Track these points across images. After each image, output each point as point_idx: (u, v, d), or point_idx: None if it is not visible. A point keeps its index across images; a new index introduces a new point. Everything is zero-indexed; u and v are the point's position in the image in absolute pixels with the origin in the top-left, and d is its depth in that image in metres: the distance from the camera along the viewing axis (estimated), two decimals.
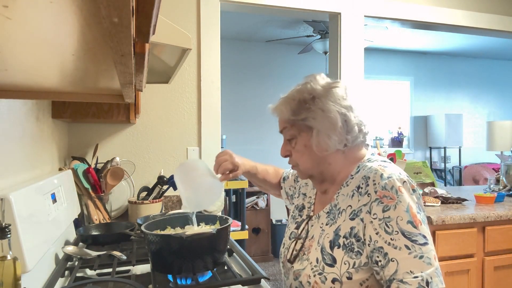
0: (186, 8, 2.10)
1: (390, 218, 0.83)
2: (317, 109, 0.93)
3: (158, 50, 1.19)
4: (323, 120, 0.92)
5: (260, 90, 5.05)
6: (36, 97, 0.84)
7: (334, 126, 0.92)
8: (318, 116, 0.93)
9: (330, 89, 0.95)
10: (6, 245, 0.71)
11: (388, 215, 0.83)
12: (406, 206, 0.84)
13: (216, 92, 2.16)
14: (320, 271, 0.91)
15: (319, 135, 0.93)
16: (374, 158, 0.98)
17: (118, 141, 2.03)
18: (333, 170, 0.99)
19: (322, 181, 1.03)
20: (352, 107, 0.95)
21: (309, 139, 0.95)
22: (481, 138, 5.93)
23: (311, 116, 0.93)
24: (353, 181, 0.94)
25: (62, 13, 0.33)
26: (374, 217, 0.85)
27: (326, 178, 1.01)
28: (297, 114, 0.96)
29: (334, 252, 0.90)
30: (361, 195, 0.89)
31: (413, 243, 0.81)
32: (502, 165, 2.57)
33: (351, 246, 0.87)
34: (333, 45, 2.50)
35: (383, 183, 0.86)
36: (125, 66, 0.46)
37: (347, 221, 0.90)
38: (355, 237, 0.88)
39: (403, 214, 0.83)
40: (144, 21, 0.37)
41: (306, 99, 0.95)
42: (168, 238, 1.02)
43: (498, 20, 2.74)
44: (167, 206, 2.06)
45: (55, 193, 1.24)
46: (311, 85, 0.96)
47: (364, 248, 0.86)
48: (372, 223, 0.85)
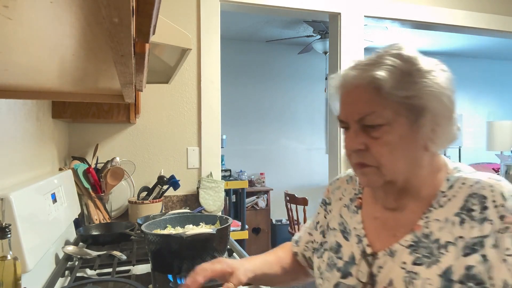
0: (186, 8, 2.10)
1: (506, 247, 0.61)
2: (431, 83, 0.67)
3: (158, 50, 1.19)
4: (440, 99, 0.67)
5: (260, 90, 5.05)
6: (36, 97, 0.84)
7: (451, 112, 0.69)
8: (433, 93, 0.66)
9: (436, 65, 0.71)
10: (6, 245, 0.71)
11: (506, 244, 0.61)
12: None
13: (216, 92, 2.16)
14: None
15: (435, 120, 0.67)
16: (462, 166, 0.74)
17: (118, 141, 2.03)
18: (421, 179, 0.72)
19: (401, 193, 0.74)
20: None
21: (408, 126, 0.67)
22: (481, 138, 5.92)
23: (424, 92, 0.66)
24: (453, 200, 0.68)
25: (62, 13, 0.33)
26: (508, 252, 0.61)
27: (409, 190, 0.73)
28: (404, 88, 0.66)
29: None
30: (475, 220, 0.65)
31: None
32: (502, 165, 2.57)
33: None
34: (333, 45, 2.50)
35: (509, 205, 0.63)
36: (125, 66, 0.46)
37: (461, 259, 0.64)
38: (474, 280, 0.62)
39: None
40: (144, 21, 0.37)
41: (412, 71, 0.67)
42: (168, 238, 1.02)
43: (498, 20, 2.74)
44: (167, 206, 2.06)
45: (55, 193, 1.24)
46: (413, 53, 0.70)
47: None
48: (506, 262, 0.61)
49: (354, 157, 0.72)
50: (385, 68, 0.66)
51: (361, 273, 0.75)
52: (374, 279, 0.72)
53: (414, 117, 0.67)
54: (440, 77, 0.68)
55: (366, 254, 0.75)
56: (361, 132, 0.70)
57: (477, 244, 0.64)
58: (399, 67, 0.67)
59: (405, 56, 0.68)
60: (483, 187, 0.66)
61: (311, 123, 5.29)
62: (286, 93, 5.10)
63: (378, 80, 0.66)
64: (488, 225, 0.63)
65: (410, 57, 0.68)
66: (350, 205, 0.86)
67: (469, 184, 0.68)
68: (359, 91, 0.69)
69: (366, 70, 0.68)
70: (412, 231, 0.70)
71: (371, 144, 0.69)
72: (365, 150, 0.70)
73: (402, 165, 0.69)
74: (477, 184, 0.67)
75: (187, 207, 1.99)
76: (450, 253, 0.65)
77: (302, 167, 5.18)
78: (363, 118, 0.69)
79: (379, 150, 0.68)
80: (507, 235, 0.62)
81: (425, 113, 0.67)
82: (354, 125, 0.70)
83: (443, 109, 0.68)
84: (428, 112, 0.67)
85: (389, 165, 0.69)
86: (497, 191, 0.64)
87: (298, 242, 0.99)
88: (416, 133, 0.68)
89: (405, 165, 0.69)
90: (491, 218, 0.63)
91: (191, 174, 2.14)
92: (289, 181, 5.12)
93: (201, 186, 2.08)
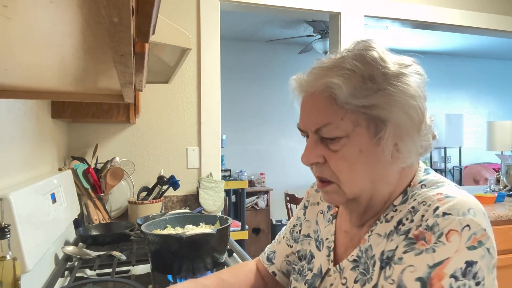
0: (186, 8, 2.09)
1: (401, 262, 0.56)
2: (395, 92, 0.58)
3: (158, 50, 1.19)
4: (405, 110, 0.59)
5: (260, 90, 5.05)
6: (36, 97, 0.84)
7: (419, 123, 0.61)
8: (397, 103, 0.58)
9: (406, 66, 0.62)
10: (6, 245, 0.70)
11: (403, 257, 0.56)
12: (440, 260, 0.53)
13: (216, 92, 2.16)
14: None
15: (398, 132, 0.60)
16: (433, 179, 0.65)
17: (118, 141, 2.03)
18: (385, 194, 0.65)
19: (366, 211, 0.67)
20: (425, 99, 0.63)
21: (369, 139, 0.60)
22: (481, 138, 5.93)
23: (386, 102, 0.58)
24: (397, 215, 0.63)
25: (61, 13, 0.33)
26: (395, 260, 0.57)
27: (372, 206, 0.66)
28: (362, 96, 0.58)
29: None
30: (398, 234, 0.60)
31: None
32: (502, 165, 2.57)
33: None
34: (333, 45, 2.50)
35: (431, 221, 0.55)
36: (125, 66, 0.46)
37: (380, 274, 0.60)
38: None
39: (422, 267, 0.53)
40: (144, 21, 0.37)
41: (375, 75, 0.59)
42: (168, 238, 1.02)
43: (498, 20, 2.74)
44: (167, 206, 2.06)
45: (54, 193, 1.24)
46: (379, 54, 0.61)
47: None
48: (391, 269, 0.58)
49: (314, 170, 0.66)
50: (342, 73, 0.59)
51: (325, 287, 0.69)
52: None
53: (375, 129, 0.60)
54: (409, 83, 0.60)
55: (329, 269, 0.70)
56: (320, 143, 0.63)
57: (390, 257, 0.59)
58: (359, 72, 0.59)
59: (369, 58, 0.60)
60: (424, 202, 0.59)
61: None
62: (286, 93, 5.04)
63: (332, 88, 0.59)
64: (403, 237, 0.58)
65: (375, 60, 0.60)
66: (326, 213, 0.80)
67: (417, 200, 0.61)
68: (313, 99, 0.62)
69: (320, 76, 0.61)
70: (358, 245, 0.65)
71: (330, 157, 0.62)
72: (323, 164, 0.64)
73: (363, 181, 0.62)
74: (422, 198, 0.60)
75: (187, 207, 1.99)
76: (377, 269, 0.60)
77: (302, 167, 5.07)
78: (319, 129, 0.62)
79: (338, 164, 0.62)
80: (404, 244, 0.57)
81: (387, 126, 0.59)
82: (312, 136, 0.64)
83: (408, 121, 0.59)
84: (390, 124, 0.59)
85: (348, 181, 0.62)
86: (432, 207, 0.57)
87: (272, 258, 0.89)
88: (378, 146, 0.60)
89: (367, 181, 0.62)
90: (410, 231, 0.58)
91: (191, 174, 2.14)
92: (289, 181, 5.12)
93: (201, 186, 2.08)
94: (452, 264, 0.52)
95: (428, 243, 0.54)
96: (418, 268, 0.54)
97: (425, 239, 0.55)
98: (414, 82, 0.61)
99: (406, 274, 0.54)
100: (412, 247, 0.56)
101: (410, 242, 0.56)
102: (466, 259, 0.53)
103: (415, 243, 0.56)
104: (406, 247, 0.56)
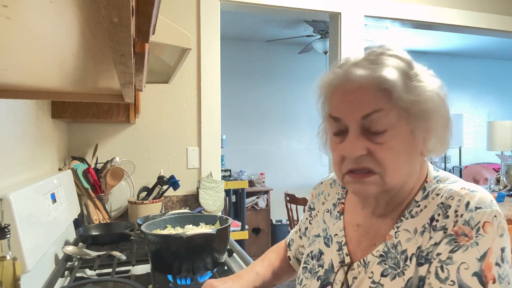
0: (186, 8, 2.09)
1: (453, 261, 0.58)
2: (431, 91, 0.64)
3: (158, 50, 1.19)
4: (438, 109, 0.65)
5: (260, 90, 5.05)
6: (36, 97, 0.84)
7: (447, 121, 0.67)
8: (432, 101, 0.64)
9: (427, 70, 0.68)
10: (6, 245, 0.70)
11: (453, 256, 0.59)
12: (485, 252, 0.57)
13: (216, 92, 2.16)
14: None
15: (430, 128, 0.65)
16: (443, 175, 0.71)
17: (118, 141, 2.03)
18: (411, 186, 0.69)
19: (391, 201, 0.71)
20: None
21: (410, 131, 0.64)
22: (481, 138, 5.93)
23: (425, 99, 0.63)
24: (424, 211, 0.66)
25: (61, 13, 0.33)
26: (437, 257, 0.60)
27: (398, 197, 0.70)
28: (409, 91, 0.62)
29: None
30: (435, 230, 0.62)
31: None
32: (502, 165, 2.57)
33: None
34: (333, 45, 2.50)
35: (467, 216, 0.60)
36: (125, 66, 0.46)
37: (416, 269, 0.63)
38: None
39: (473, 262, 0.57)
40: (144, 21, 0.37)
41: (411, 74, 0.64)
42: (168, 238, 1.02)
43: (498, 20, 2.74)
44: (167, 206, 2.06)
45: (54, 193, 1.24)
46: (405, 57, 0.67)
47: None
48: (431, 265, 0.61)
49: (349, 163, 0.66)
50: (392, 69, 0.62)
51: (339, 282, 0.72)
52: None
53: (414, 122, 0.64)
54: (434, 82, 0.66)
55: (344, 263, 0.73)
56: (362, 137, 0.64)
57: (430, 253, 0.62)
58: (402, 69, 0.63)
59: (403, 57, 0.65)
60: (452, 197, 0.63)
61: (311, 123, 5.28)
62: (286, 93, 5.10)
63: (389, 81, 0.61)
64: (442, 234, 0.61)
65: (407, 59, 0.65)
66: (333, 211, 0.83)
67: (441, 195, 0.65)
68: (365, 91, 0.63)
69: (374, 69, 0.63)
70: (384, 241, 0.68)
71: (375, 149, 0.63)
72: (366, 155, 0.64)
73: (404, 171, 0.66)
74: (448, 194, 0.64)
75: (187, 207, 1.99)
76: (413, 265, 0.63)
77: (302, 167, 5.17)
78: (369, 116, 0.62)
79: (385, 155, 0.63)
80: (446, 241, 0.60)
81: (425, 119, 0.64)
82: (355, 127, 0.64)
83: (441, 118, 0.65)
84: (428, 117, 0.64)
85: (393, 172, 0.64)
86: (463, 201, 0.61)
87: (290, 245, 0.97)
88: (415, 138, 0.64)
89: (407, 172, 0.66)
90: (447, 227, 0.61)
91: (191, 174, 2.14)
92: (289, 181, 5.12)
93: (201, 186, 2.08)
94: (493, 253, 0.58)
95: (470, 238, 0.58)
96: (470, 264, 0.57)
97: (467, 234, 0.59)
98: (437, 82, 0.67)
99: (463, 272, 0.57)
100: (456, 244, 0.59)
101: (451, 239, 0.60)
102: (501, 246, 0.59)
103: (458, 240, 0.59)
104: (451, 245, 0.59)
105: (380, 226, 0.71)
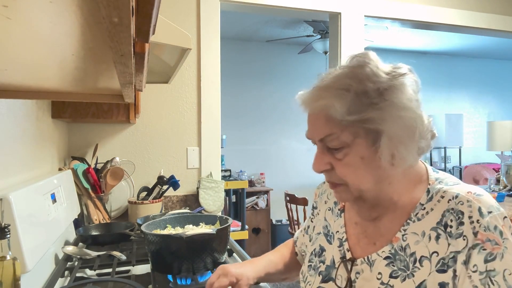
0: (186, 8, 2.09)
1: (496, 271, 0.60)
2: (387, 106, 0.65)
3: (158, 50, 1.19)
4: (397, 122, 0.65)
5: (260, 90, 5.05)
6: (36, 97, 0.84)
7: (412, 131, 0.66)
8: (389, 116, 0.65)
9: (399, 76, 0.67)
10: (6, 245, 0.70)
11: (493, 267, 0.61)
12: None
13: (216, 92, 2.16)
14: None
15: (392, 143, 0.66)
16: (444, 177, 0.73)
17: (118, 141, 2.03)
18: (393, 192, 0.72)
19: (374, 207, 0.74)
20: (421, 103, 0.69)
21: (368, 148, 0.67)
22: (481, 138, 5.93)
23: (379, 116, 0.65)
24: (431, 214, 0.68)
25: (61, 13, 0.33)
26: (474, 269, 0.61)
27: (380, 203, 0.73)
28: (356, 112, 0.65)
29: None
30: (452, 237, 0.64)
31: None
32: (502, 165, 2.57)
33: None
34: (333, 45, 2.50)
35: (484, 222, 0.62)
36: (125, 66, 0.46)
37: (434, 275, 0.64)
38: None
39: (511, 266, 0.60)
40: (144, 21, 0.37)
41: (368, 91, 0.65)
42: (168, 238, 1.02)
43: (498, 20, 2.74)
44: (167, 206, 2.06)
45: (54, 193, 1.24)
46: (372, 70, 0.66)
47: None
48: (471, 279, 0.61)
49: (324, 175, 0.74)
50: (336, 93, 0.66)
51: (340, 277, 0.76)
52: (353, 285, 0.73)
53: (372, 139, 0.66)
54: (401, 95, 0.65)
55: (346, 259, 0.76)
56: (327, 152, 0.70)
57: (451, 260, 0.64)
58: (353, 90, 0.65)
59: (361, 75, 0.66)
60: (461, 202, 0.65)
61: None
62: (286, 93, 5.10)
63: (328, 109, 0.66)
64: (462, 241, 0.63)
65: (367, 76, 0.66)
66: (334, 208, 0.87)
67: (448, 198, 0.67)
68: (317, 117, 0.70)
69: (317, 97, 0.68)
70: (390, 243, 0.71)
71: (336, 164, 0.70)
72: (331, 170, 0.71)
73: (367, 184, 0.69)
74: (456, 198, 0.66)
75: (187, 207, 1.99)
76: (424, 268, 0.65)
77: (302, 167, 5.17)
78: (324, 139, 0.69)
79: (343, 170, 0.69)
80: (475, 252, 0.62)
81: (381, 136, 0.65)
82: (319, 145, 0.71)
83: (401, 131, 0.65)
84: (384, 135, 0.65)
85: (355, 184, 0.69)
86: (474, 207, 0.63)
87: (296, 242, 1.02)
88: (376, 154, 0.66)
89: (371, 183, 0.69)
90: (466, 234, 0.63)
91: (191, 174, 2.14)
92: (289, 181, 5.12)
93: (201, 186, 2.08)
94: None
95: (499, 244, 0.61)
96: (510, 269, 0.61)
97: (492, 240, 0.62)
98: (406, 93, 0.66)
99: (509, 278, 0.60)
100: (489, 252, 0.61)
101: (480, 247, 0.62)
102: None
103: (485, 247, 0.62)
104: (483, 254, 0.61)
105: (379, 227, 0.75)
